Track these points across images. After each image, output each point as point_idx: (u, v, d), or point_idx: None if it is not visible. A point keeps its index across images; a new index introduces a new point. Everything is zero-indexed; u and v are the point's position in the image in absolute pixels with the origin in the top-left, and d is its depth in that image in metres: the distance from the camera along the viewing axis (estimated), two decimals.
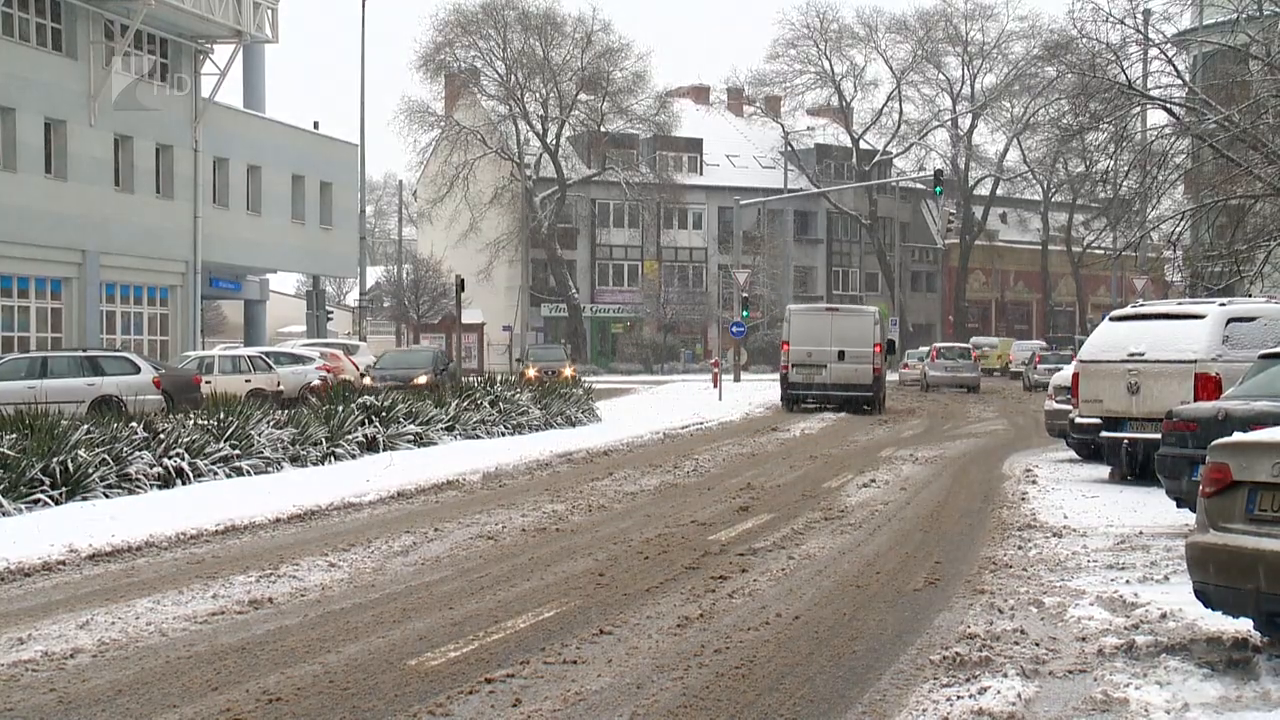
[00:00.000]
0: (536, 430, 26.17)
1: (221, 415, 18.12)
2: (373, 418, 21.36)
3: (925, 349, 60.37)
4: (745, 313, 54.02)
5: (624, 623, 8.62)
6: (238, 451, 17.49)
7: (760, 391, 45.25)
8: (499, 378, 30.49)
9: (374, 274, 79.35)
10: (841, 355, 34.72)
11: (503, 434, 24.94)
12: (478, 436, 24.07)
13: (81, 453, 14.66)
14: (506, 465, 19.32)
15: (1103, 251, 66.54)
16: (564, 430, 26.85)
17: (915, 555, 11.67)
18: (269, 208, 46.84)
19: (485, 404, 25.60)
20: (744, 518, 14.07)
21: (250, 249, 45.82)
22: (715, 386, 42.58)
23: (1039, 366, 61.93)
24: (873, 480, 17.97)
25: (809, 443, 25.57)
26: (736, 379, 54.08)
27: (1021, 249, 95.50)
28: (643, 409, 35.87)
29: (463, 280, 41.99)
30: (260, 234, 46.24)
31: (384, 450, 20.75)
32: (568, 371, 45.96)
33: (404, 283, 72.19)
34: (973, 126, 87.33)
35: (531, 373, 43.88)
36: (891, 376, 66.54)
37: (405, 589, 9.90)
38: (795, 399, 35.37)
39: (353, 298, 76.98)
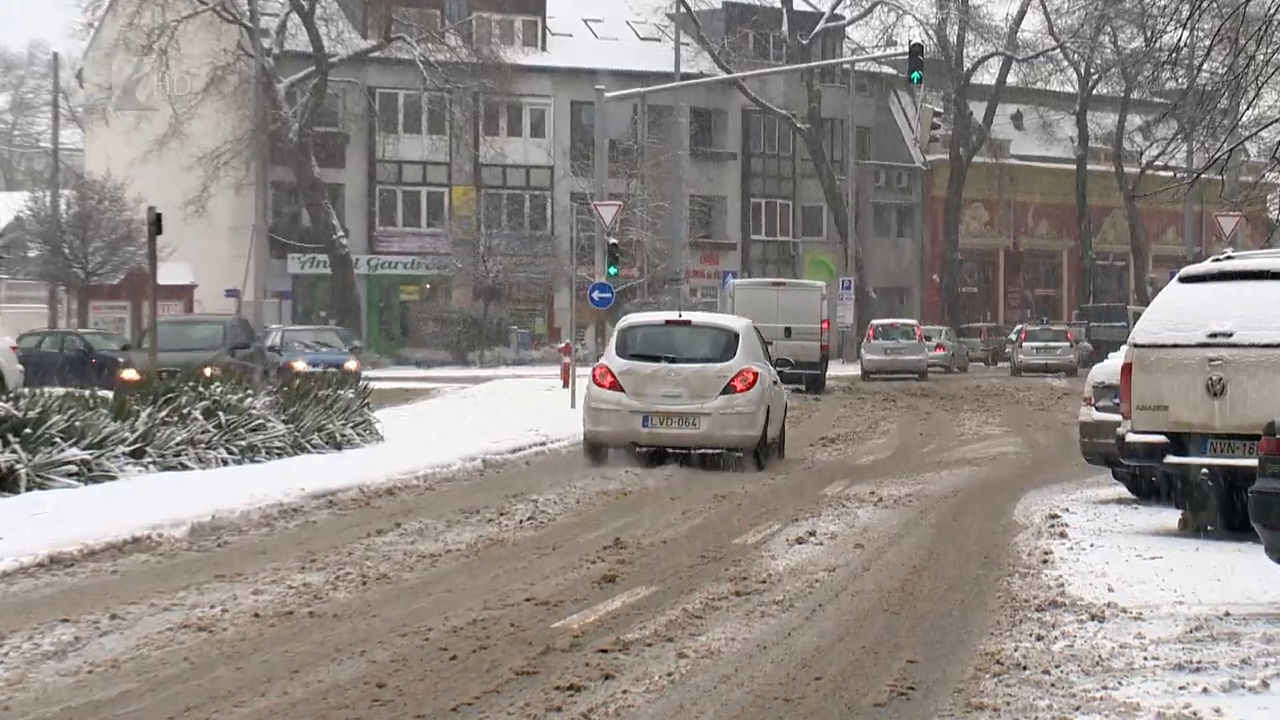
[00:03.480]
0: (280, 455, 25.98)
1: None
2: (9, 436, 20.99)
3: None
4: (613, 269, 53.97)
5: None
6: None
7: None
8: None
9: (10, 204, 77.98)
10: (788, 332, 47.50)
11: (225, 461, 24.72)
12: (184, 466, 23.79)
13: None
14: (230, 512, 19.10)
15: (1171, 174, 67.73)
16: (324, 455, 26.76)
17: (876, 650, 11.77)
18: None
19: (196, 414, 25.28)
20: (609, 593, 14.11)
21: None
22: (566, 386, 42.63)
23: (1025, 344, 69.18)
24: (811, 533, 18.09)
25: (714, 474, 25.66)
26: None
27: (1046, 170, 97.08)
28: (451, 421, 35.84)
29: (160, 216, 41.29)
30: None
31: (28, 488, 20.40)
32: (209, 371, 36.86)
33: (62, 220, 70.94)
34: None
35: (131, 374, 36.00)
36: (851, 369, 67.42)
37: (60, 713, 9.71)
38: None
39: None
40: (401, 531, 18.16)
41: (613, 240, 53.44)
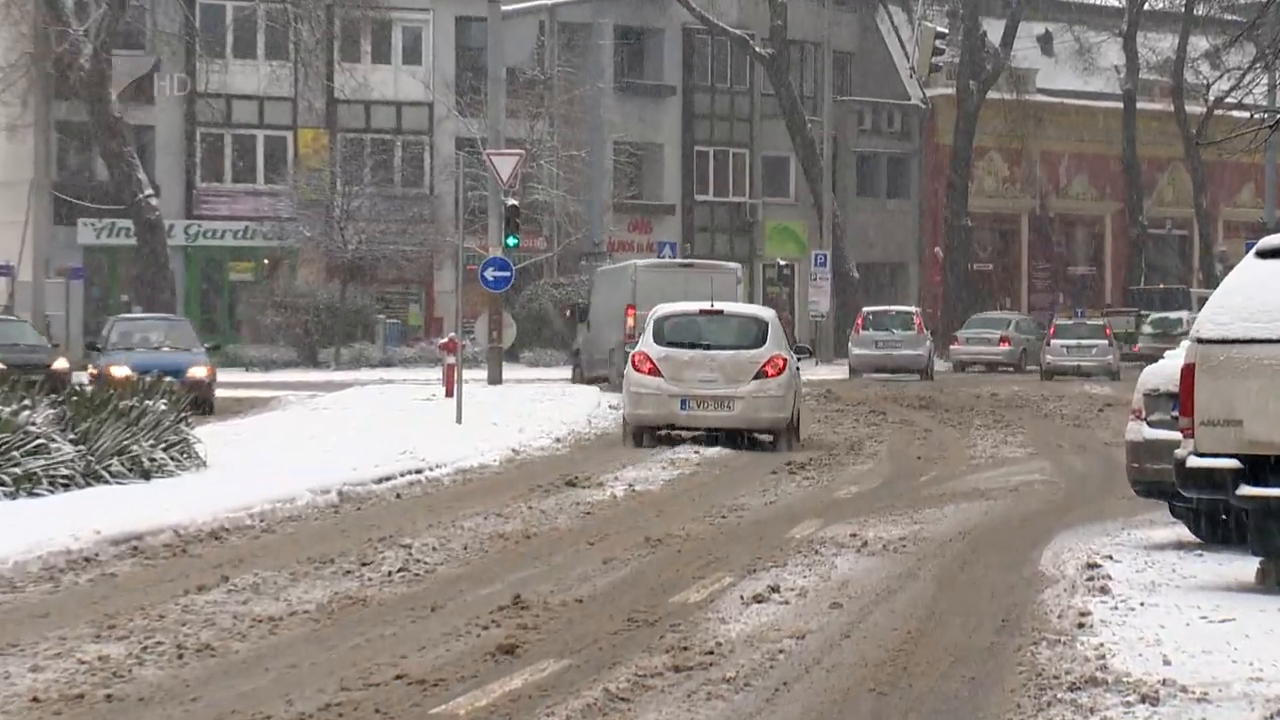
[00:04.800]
0: (68, 486, 25.85)
1: None
2: None
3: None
4: (512, 239, 54.13)
5: None
6: None
7: (542, 402, 45.47)
8: None
9: None
10: None
11: None
12: None
13: None
14: (1, 562, 18.95)
15: (1247, 115, 67.99)
16: (127, 486, 26.67)
17: None
18: None
19: None
20: (506, 668, 14.08)
21: None
22: (450, 394, 42.75)
23: (1053, 342, 72.40)
24: (774, 588, 18.08)
25: (645, 510, 25.78)
26: (494, 378, 53.92)
27: (1083, 109, 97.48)
28: (297, 441, 35.91)
29: None
30: None
31: None
32: None
33: None
34: None
35: None
36: (835, 372, 67.73)
37: None
38: None
39: None
40: (230, 587, 18.08)
41: (512, 201, 53.46)
